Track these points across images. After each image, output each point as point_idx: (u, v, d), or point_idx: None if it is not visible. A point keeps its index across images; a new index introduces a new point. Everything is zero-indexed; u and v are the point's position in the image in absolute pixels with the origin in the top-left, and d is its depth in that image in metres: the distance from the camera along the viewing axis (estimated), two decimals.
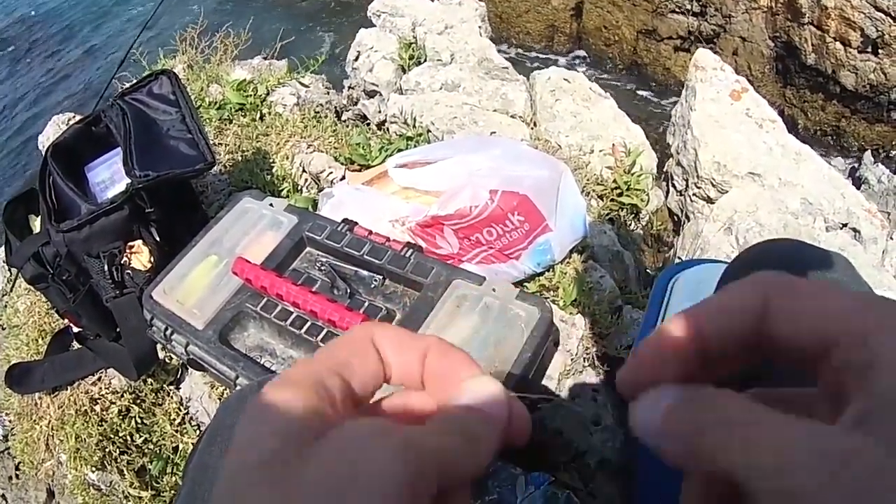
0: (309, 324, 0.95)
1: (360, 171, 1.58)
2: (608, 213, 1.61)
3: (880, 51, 4.17)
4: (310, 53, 2.28)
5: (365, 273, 1.02)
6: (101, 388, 1.36)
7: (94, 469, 1.29)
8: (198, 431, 1.31)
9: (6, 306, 1.65)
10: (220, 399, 1.30)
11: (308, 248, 1.08)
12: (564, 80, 1.90)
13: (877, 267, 1.44)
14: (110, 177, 1.30)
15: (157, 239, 1.22)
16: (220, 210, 1.16)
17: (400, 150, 1.56)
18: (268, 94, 2.00)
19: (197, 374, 1.31)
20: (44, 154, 1.26)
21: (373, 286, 1.00)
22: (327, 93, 2.18)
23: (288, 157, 1.72)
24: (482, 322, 0.88)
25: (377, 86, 2.03)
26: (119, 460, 1.29)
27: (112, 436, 1.30)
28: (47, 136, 2.01)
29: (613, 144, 1.73)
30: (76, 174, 1.28)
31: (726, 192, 1.59)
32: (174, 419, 1.33)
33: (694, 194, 1.69)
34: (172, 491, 1.26)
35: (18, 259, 1.20)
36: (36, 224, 1.31)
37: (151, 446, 1.31)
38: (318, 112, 1.99)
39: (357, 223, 1.06)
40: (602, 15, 5.67)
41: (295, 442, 0.21)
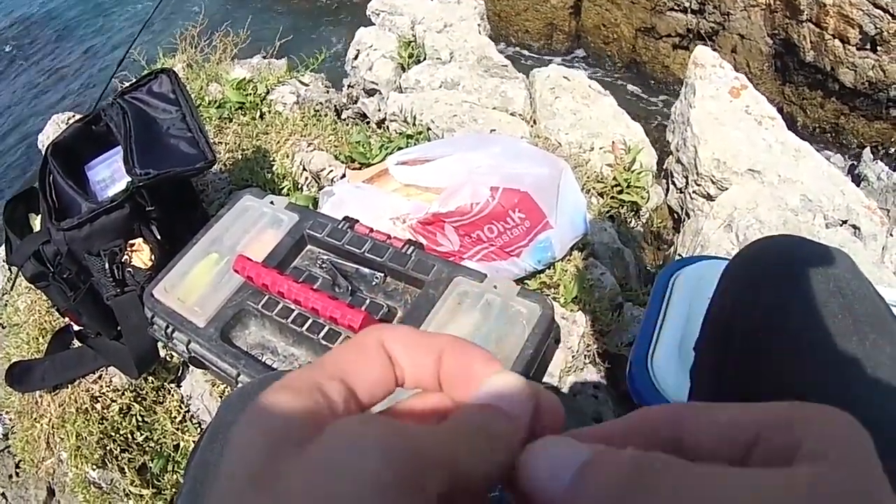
0: (310, 321, 0.95)
1: (360, 169, 1.58)
2: (608, 211, 1.61)
3: (879, 48, 4.16)
4: (309, 52, 2.28)
5: (366, 270, 1.02)
6: (101, 387, 1.36)
7: (94, 467, 1.29)
8: (199, 429, 1.32)
9: (6, 305, 1.65)
10: (221, 397, 1.30)
11: (309, 246, 1.08)
12: (564, 77, 1.90)
13: (876, 264, 1.44)
14: (110, 175, 1.30)
15: (158, 237, 1.22)
16: (220, 208, 1.16)
17: (400, 149, 1.56)
18: (267, 93, 2.00)
19: (198, 372, 1.31)
20: (44, 153, 1.26)
21: (374, 283, 1.00)
22: (327, 91, 2.18)
23: (288, 156, 1.72)
24: (483, 319, 0.88)
25: (377, 84, 2.03)
26: (120, 458, 1.29)
27: (113, 434, 1.30)
28: (47, 134, 2.01)
29: (613, 142, 1.74)
30: (76, 173, 1.28)
31: (726, 189, 1.59)
32: (175, 417, 1.33)
33: (694, 191, 1.69)
34: (174, 489, 1.26)
35: (19, 257, 1.20)
36: (36, 223, 1.31)
37: (152, 444, 1.31)
38: (318, 110, 1.99)
39: (358, 221, 1.06)
40: (601, 13, 5.66)
41: (284, 446, 0.20)
